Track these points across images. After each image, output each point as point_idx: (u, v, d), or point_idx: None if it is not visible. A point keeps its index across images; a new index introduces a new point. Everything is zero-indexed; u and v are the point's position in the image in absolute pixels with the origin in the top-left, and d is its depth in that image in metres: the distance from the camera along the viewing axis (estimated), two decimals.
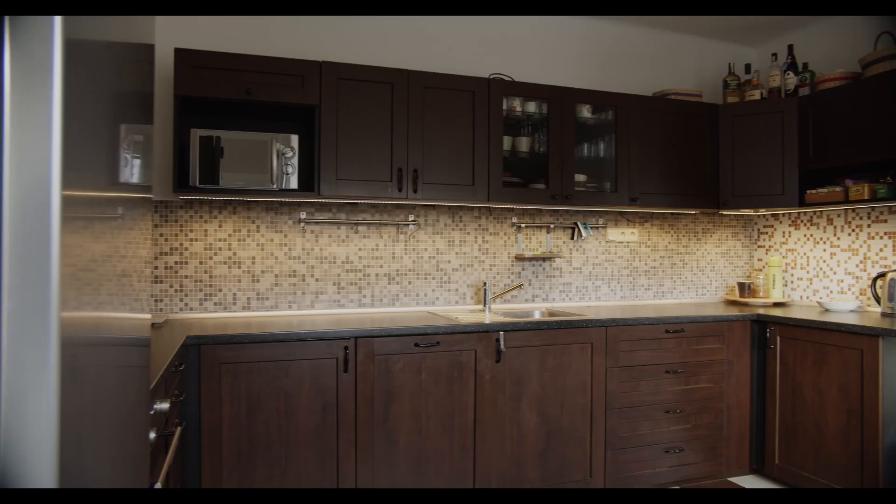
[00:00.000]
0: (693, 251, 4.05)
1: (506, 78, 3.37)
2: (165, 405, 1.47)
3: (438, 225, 3.42)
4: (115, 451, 0.86)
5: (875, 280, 3.31)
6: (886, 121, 3.00)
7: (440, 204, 3.33)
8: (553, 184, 3.27)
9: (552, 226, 3.65)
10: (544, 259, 3.64)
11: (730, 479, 3.36)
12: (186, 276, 2.98)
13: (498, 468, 2.85)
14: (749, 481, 3.34)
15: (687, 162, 3.59)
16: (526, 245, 3.61)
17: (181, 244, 2.98)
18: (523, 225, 3.58)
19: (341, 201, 3.15)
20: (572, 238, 3.71)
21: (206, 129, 2.67)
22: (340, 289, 3.23)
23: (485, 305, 3.38)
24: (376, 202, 3.22)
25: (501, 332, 2.83)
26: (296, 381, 2.53)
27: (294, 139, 2.81)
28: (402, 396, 2.69)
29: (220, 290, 3.02)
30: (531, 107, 3.30)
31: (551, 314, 3.41)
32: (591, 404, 3.02)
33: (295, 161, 2.80)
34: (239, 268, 3.05)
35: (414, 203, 3.29)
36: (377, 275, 3.29)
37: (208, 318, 2.95)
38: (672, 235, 3.99)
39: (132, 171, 1.01)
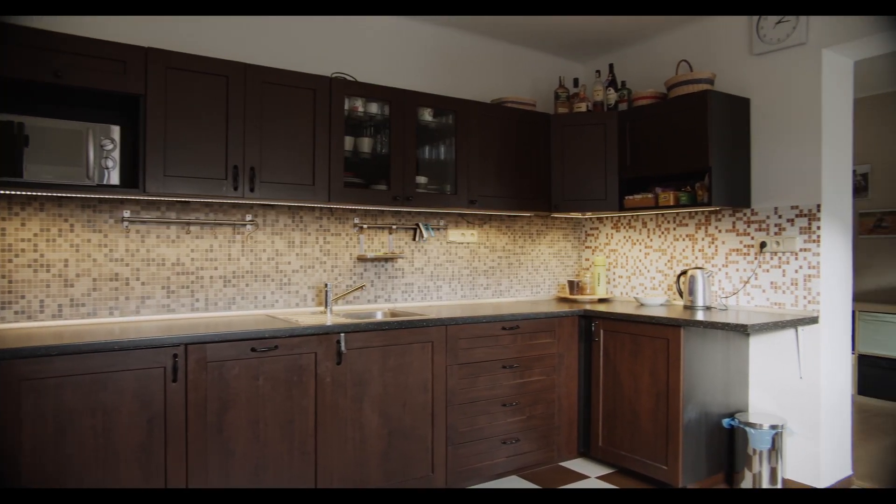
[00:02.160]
0: (528, 251, 4.30)
1: (348, 77, 3.35)
2: None
3: (278, 225, 3.31)
4: None
5: (679, 277, 3.73)
6: (685, 137, 3.40)
7: (279, 204, 3.23)
8: (395, 185, 3.31)
9: (394, 227, 3.69)
10: (386, 260, 3.67)
11: (561, 463, 3.61)
12: None
13: (340, 471, 2.82)
14: (577, 465, 3.61)
15: (522, 167, 3.80)
16: (368, 246, 3.61)
17: None
18: (365, 226, 3.58)
19: (171, 199, 2.94)
20: (414, 239, 3.78)
21: (4, 114, 2.37)
22: (170, 293, 3.01)
23: (326, 307, 3.33)
24: (210, 201, 3.05)
25: (342, 334, 2.81)
26: (116, 394, 2.32)
27: (115, 130, 2.58)
28: (239, 404, 2.58)
29: (23, 297, 2.69)
30: (373, 108, 3.31)
31: (393, 314, 3.44)
32: (432, 402, 3.09)
33: (116, 154, 2.58)
34: (48, 271, 2.73)
35: (251, 202, 3.16)
36: (212, 277, 3.12)
37: (7, 329, 2.61)
38: (509, 237, 4.20)
39: None
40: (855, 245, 5.30)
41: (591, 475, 3.45)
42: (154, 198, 2.83)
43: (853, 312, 5.04)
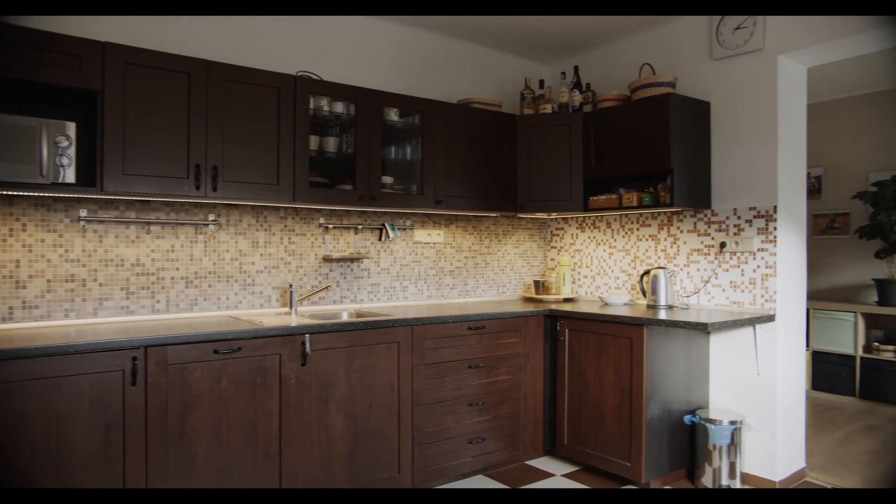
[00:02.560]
0: (494, 252, 4.32)
1: (314, 76, 3.32)
2: None
3: (242, 225, 3.26)
4: None
5: (642, 277, 3.80)
6: (648, 139, 3.46)
7: (243, 203, 3.18)
8: (360, 185, 3.29)
9: (360, 227, 3.67)
10: (352, 260, 3.64)
11: (527, 462, 3.64)
12: None
13: (306, 473, 2.79)
14: (543, 463, 3.64)
15: (488, 167, 3.81)
16: (334, 246, 3.58)
17: None
18: (331, 226, 3.55)
19: (130, 198, 2.87)
20: (380, 239, 3.76)
21: None
22: (130, 294, 2.94)
23: (291, 308, 3.29)
24: (171, 200, 2.98)
25: (307, 335, 2.78)
26: (72, 399, 2.25)
27: (71, 127, 2.50)
28: (201, 407, 2.53)
29: None
30: (339, 107, 3.28)
31: (359, 315, 3.42)
32: (398, 402, 3.08)
33: (72, 152, 2.50)
34: None
35: (214, 202, 3.10)
36: (173, 278, 3.05)
37: None
38: (475, 237, 4.22)
39: None
40: (809, 245, 5.47)
41: (557, 473, 3.48)
42: (112, 197, 2.76)
43: (807, 310, 5.20)
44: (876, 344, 5.05)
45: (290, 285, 3.31)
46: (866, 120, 5.42)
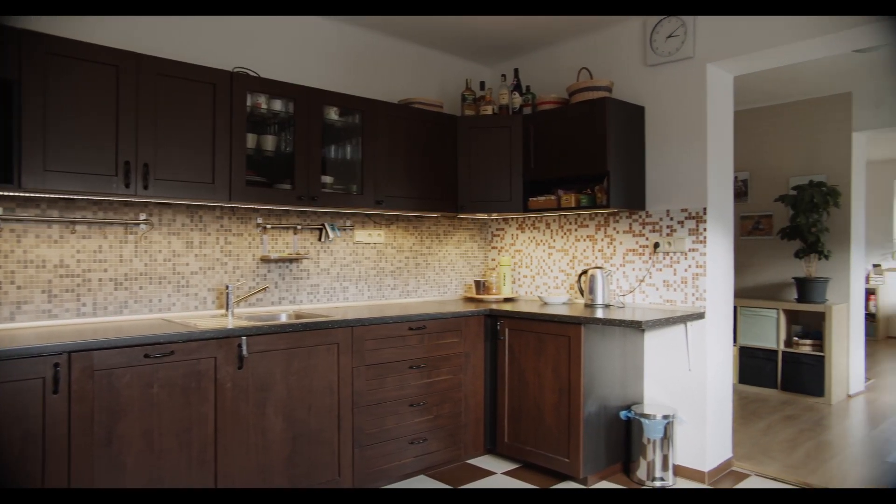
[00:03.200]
0: (435, 252, 4.33)
1: (251, 73, 3.24)
2: None
3: (175, 225, 3.15)
4: None
5: (580, 276, 3.88)
6: (585, 141, 3.54)
7: (177, 202, 3.07)
8: (299, 184, 3.23)
9: (299, 227, 3.61)
10: (291, 260, 3.58)
11: (468, 461, 3.66)
12: None
13: (242, 479, 2.72)
14: (484, 461, 3.67)
15: (429, 167, 3.82)
16: (272, 246, 3.51)
17: None
18: (269, 226, 3.48)
19: (53, 196, 2.73)
20: (320, 239, 3.71)
21: None
22: (52, 297, 2.79)
23: (228, 310, 3.21)
24: (99, 198, 2.85)
25: (244, 337, 2.71)
26: None
27: None
28: (130, 414, 2.43)
29: None
30: (277, 105, 3.21)
31: (298, 316, 3.36)
32: (338, 404, 3.05)
33: None
34: None
35: (145, 201, 2.98)
36: (101, 280, 2.92)
37: None
38: (416, 237, 4.22)
39: None
40: (736, 245, 5.73)
41: (498, 471, 3.52)
42: (32, 194, 2.61)
43: (734, 308, 5.44)
44: (795, 339, 5.33)
45: (227, 286, 3.22)
46: (788, 127, 5.71)
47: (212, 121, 2.92)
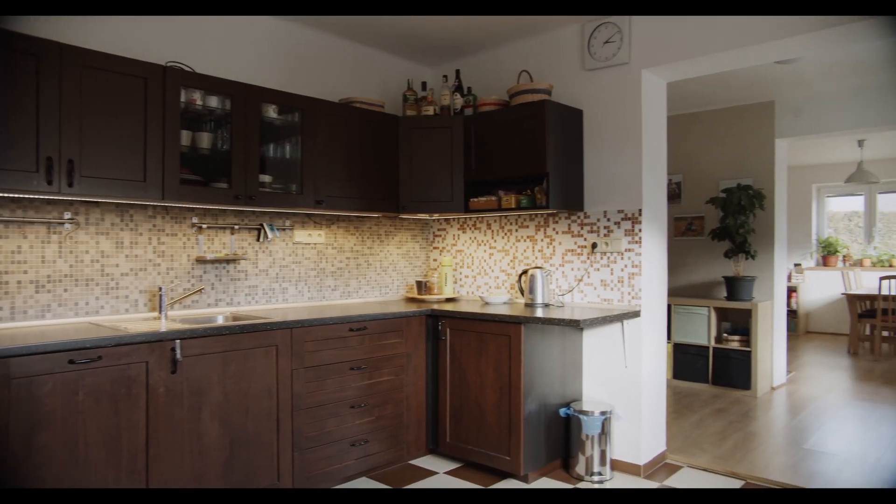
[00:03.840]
0: (377, 252, 4.30)
1: (186, 68, 3.13)
2: None
3: (104, 224, 3.02)
4: None
5: (520, 276, 3.94)
6: (525, 143, 3.59)
7: (105, 201, 2.94)
8: (237, 183, 3.15)
9: (237, 227, 3.51)
10: (228, 261, 3.48)
11: (410, 462, 3.65)
12: None
13: (176, 486, 2.63)
14: (426, 461, 3.67)
15: (370, 167, 3.79)
16: (208, 247, 3.41)
17: None
18: (205, 226, 3.38)
19: None
20: (258, 240, 3.62)
21: None
22: None
23: (161, 312, 3.09)
24: (18, 196, 2.69)
25: (178, 341, 2.62)
26: None
27: None
28: (53, 424, 2.30)
29: None
30: (213, 101, 3.12)
31: (235, 318, 3.28)
32: (277, 407, 2.99)
33: None
34: None
35: (71, 199, 2.84)
36: (20, 282, 2.76)
37: None
38: (357, 237, 4.18)
39: None
40: (670, 246, 5.94)
41: (440, 471, 3.53)
42: None
43: (668, 306, 5.64)
44: (725, 335, 5.57)
45: (160, 288, 3.11)
46: (718, 133, 5.96)
47: (143, 116, 2.81)
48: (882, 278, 7.14)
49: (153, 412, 2.56)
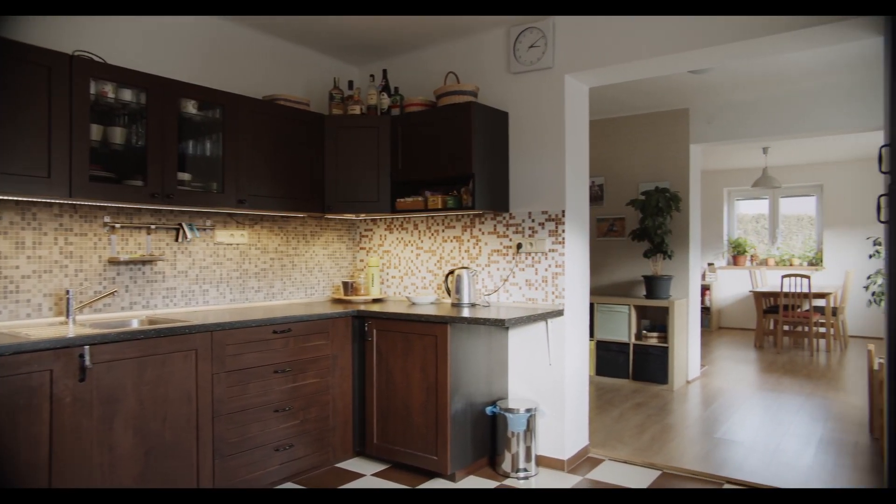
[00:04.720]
0: (302, 253, 4.22)
1: (95, 58, 2.97)
2: None
3: (2, 223, 2.82)
4: None
5: (447, 276, 3.96)
6: (451, 144, 3.62)
7: (4, 198, 2.75)
8: (153, 181, 3.01)
9: (153, 226, 3.36)
10: (144, 262, 3.33)
11: (337, 465, 3.60)
12: None
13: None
14: (353, 464, 3.63)
15: (295, 166, 3.71)
16: (122, 247, 3.24)
17: None
18: (118, 225, 3.21)
19: None
20: (177, 240, 3.48)
21: None
22: None
23: (68, 317, 2.92)
24: None
25: (87, 347, 2.48)
26: None
27: None
28: None
29: None
30: (127, 95, 2.98)
31: (152, 322, 3.13)
32: (196, 413, 2.88)
33: None
34: None
35: None
36: None
37: None
38: (282, 238, 4.08)
39: None
40: (592, 246, 6.12)
41: (367, 473, 3.50)
42: None
43: (591, 305, 5.81)
44: (644, 332, 5.80)
45: (67, 291, 2.93)
46: (637, 137, 6.20)
47: (47, 108, 2.64)
48: (784, 276, 7.63)
49: (58, 425, 2.41)
